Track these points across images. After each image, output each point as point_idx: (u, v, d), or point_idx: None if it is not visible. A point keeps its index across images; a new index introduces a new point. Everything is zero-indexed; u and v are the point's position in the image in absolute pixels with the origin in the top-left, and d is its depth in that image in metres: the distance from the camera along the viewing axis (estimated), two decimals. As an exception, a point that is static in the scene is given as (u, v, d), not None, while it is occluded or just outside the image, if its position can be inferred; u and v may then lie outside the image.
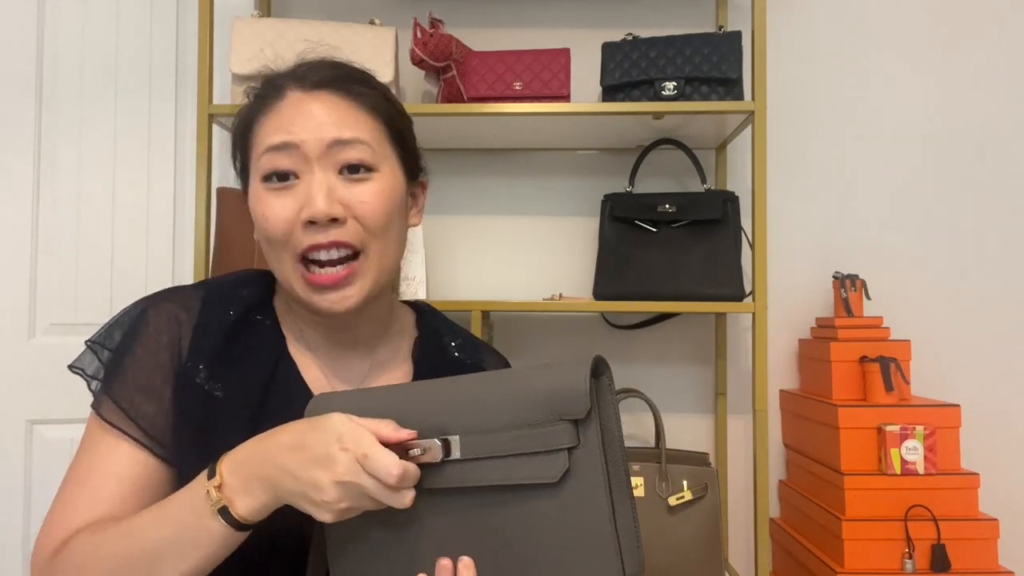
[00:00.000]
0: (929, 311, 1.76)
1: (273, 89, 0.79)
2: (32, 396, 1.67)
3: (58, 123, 1.71)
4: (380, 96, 0.81)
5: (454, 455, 0.62)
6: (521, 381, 0.62)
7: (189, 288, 0.83)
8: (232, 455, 0.67)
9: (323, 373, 0.83)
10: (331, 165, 0.75)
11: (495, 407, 0.62)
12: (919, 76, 1.79)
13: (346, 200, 0.75)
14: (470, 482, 0.62)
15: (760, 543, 1.43)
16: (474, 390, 0.64)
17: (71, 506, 0.72)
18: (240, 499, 0.64)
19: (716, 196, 1.57)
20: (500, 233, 1.81)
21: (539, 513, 0.60)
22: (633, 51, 1.50)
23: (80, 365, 0.79)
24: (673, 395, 1.78)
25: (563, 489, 0.60)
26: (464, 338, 0.94)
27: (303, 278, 0.76)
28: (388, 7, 1.78)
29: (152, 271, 1.73)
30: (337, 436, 0.61)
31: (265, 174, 0.76)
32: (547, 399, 0.60)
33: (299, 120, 0.75)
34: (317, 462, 0.61)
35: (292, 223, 0.74)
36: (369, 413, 0.65)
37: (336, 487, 0.61)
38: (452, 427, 0.62)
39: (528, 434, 0.60)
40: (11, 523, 1.65)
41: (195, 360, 0.77)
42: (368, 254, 0.77)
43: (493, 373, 0.66)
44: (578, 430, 0.59)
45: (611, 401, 0.63)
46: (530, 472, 0.60)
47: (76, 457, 0.76)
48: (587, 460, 0.59)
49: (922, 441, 1.44)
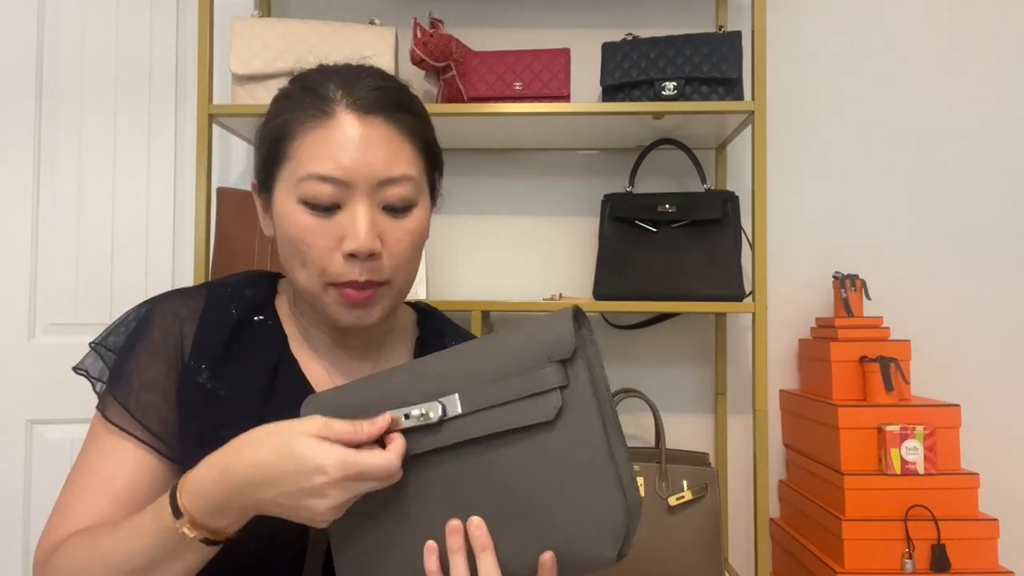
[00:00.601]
0: (929, 311, 1.76)
1: (322, 103, 0.75)
2: (32, 396, 1.67)
3: (58, 123, 1.71)
4: (424, 123, 0.81)
5: (453, 412, 0.64)
6: (510, 336, 0.66)
7: (192, 289, 0.84)
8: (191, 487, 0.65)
9: (327, 373, 0.84)
10: (376, 200, 0.75)
11: (488, 362, 0.65)
12: (919, 75, 1.79)
13: (384, 235, 0.75)
14: (473, 434, 0.64)
15: (760, 543, 1.43)
16: (466, 352, 0.67)
17: (70, 508, 0.73)
18: (216, 522, 0.65)
19: (716, 196, 1.57)
20: (500, 233, 1.81)
21: (539, 455, 0.63)
22: (633, 51, 1.50)
23: (84, 367, 0.79)
24: (673, 395, 1.78)
25: (559, 427, 0.63)
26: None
27: (336, 293, 0.76)
28: (388, 7, 1.78)
29: (152, 271, 1.73)
30: (318, 468, 0.60)
31: (308, 200, 0.74)
32: (535, 346, 0.64)
33: (352, 153, 0.73)
34: (307, 495, 0.61)
35: (331, 250, 0.74)
36: (366, 403, 0.66)
37: (332, 510, 0.62)
38: (449, 388, 0.65)
39: (521, 380, 0.63)
40: (11, 523, 1.65)
41: (197, 360, 0.77)
42: (394, 284, 0.78)
43: (481, 338, 0.70)
44: (567, 370, 0.63)
45: (593, 350, 0.67)
46: (528, 414, 0.63)
47: (79, 458, 0.76)
48: (579, 397, 0.63)
49: (922, 441, 1.44)
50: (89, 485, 0.73)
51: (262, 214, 0.83)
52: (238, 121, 1.52)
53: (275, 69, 1.46)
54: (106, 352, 0.79)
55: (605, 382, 0.67)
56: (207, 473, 0.65)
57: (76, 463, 0.76)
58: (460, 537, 0.63)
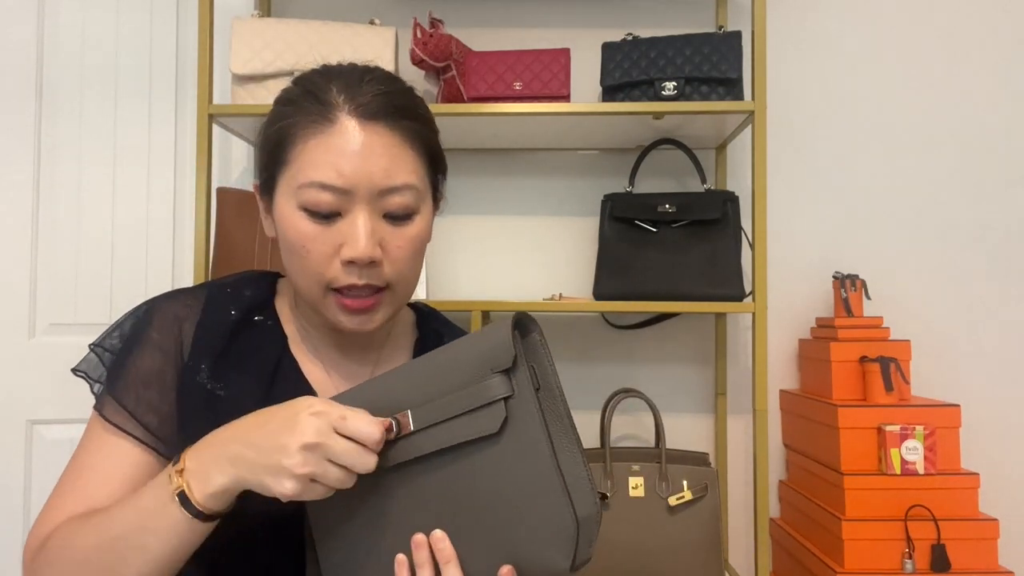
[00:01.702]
0: (929, 311, 1.76)
1: (324, 108, 0.74)
2: (32, 396, 1.67)
3: (58, 123, 1.71)
4: (428, 127, 0.80)
5: (408, 428, 0.65)
6: (457, 348, 0.67)
7: (192, 289, 0.84)
8: (200, 441, 0.67)
9: (327, 373, 0.84)
10: (377, 209, 0.74)
11: (438, 376, 0.66)
12: (919, 76, 1.79)
13: (385, 242, 0.75)
14: (426, 450, 0.65)
15: (760, 543, 1.43)
16: (421, 366, 0.68)
17: (61, 505, 0.72)
18: (197, 483, 0.64)
19: (716, 196, 1.57)
20: (500, 233, 1.81)
21: (489, 468, 0.63)
22: (633, 51, 1.50)
23: (84, 369, 0.79)
24: (673, 395, 1.78)
25: (504, 439, 0.63)
26: None
27: (335, 301, 0.76)
28: (388, 7, 1.78)
29: (152, 271, 1.73)
30: (307, 405, 0.63)
31: (308, 207, 0.74)
32: (478, 357, 0.64)
33: (353, 161, 0.72)
34: (284, 428, 0.62)
35: (331, 256, 0.74)
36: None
37: (301, 451, 0.61)
38: (404, 403, 0.66)
39: (467, 393, 0.64)
40: (11, 523, 1.65)
41: (197, 360, 0.77)
42: (395, 290, 0.78)
43: (436, 349, 0.69)
44: (511, 380, 0.63)
45: (545, 354, 0.67)
46: (474, 427, 0.63)
47: (73, 456, 0.76)
48: (523, 407, 0.63)
49: (922, 441, 1.44)
50: (82, 482, 0.73)
51: (264, 215, 0.83)
52: (238, 121, 1.52)
53: (275, 69, 1.46)
54: (105, 354, 0.79)
55: (558, 387, 0.67)
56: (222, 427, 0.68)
57: (71, 461, 0.76)
58: (425, 551, 0.64)
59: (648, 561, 1.42)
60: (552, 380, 0.66)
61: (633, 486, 1.45)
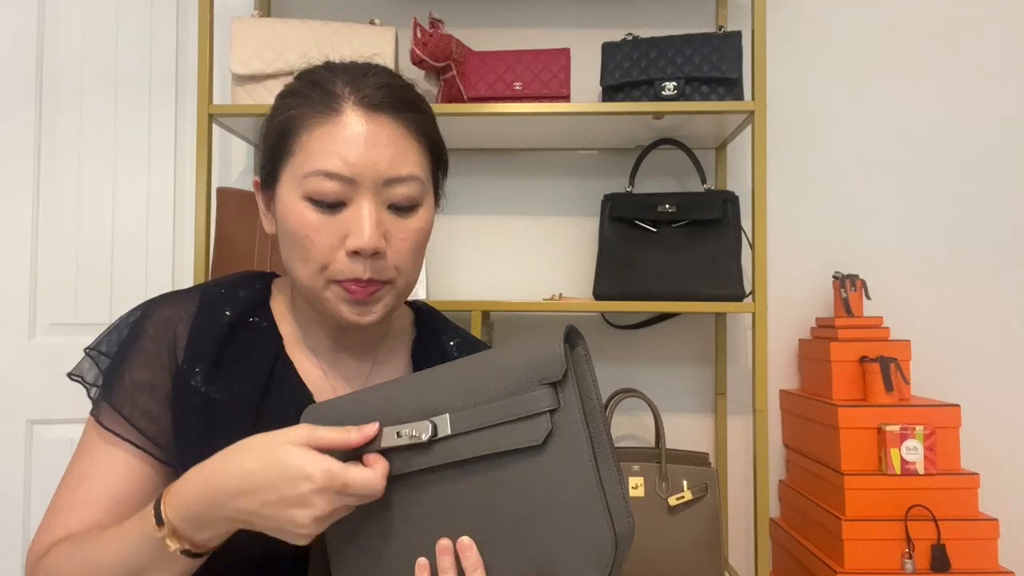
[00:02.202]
0: (929, 311, 1.76)
1: (330, 99, 0.74)
2: (32, 396, 1.67)
3: (58, 123, 1.71)
4: (431, 121, 0.80)
5: (444, 432, 0.64)
6: (502, 355, 0.65)
7: (185, 291, 0.83)
8: (175, 496, 0.65)
9: (324, 373, 0.83)
10: (382, 199, 0.74)
11: (480, 382, 0.64)
12: (919, 76, 1.79)
13: (389, 233, 0.75)
14: (463, 455, 0.63)
15: (760, 543, 1.43)
16: (460, 370, 0.66)
17: (62, 513, 0.73)
18: (198, 534, 0.65)
19: (716, 196, 1.57)
20: (500, 233, 1.81)
21: (528, 479, 0.62)
22: (633, 51, 1.50)
23: (79, 373, 0.79)
24: (673, 395, 1.78)
25: (547, 452, 0.61)
26: (463, 337, 0.94)
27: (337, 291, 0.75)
28: (388, 7, 1.78)
29: (152, 271, 1.73)
30: (304, 476, 0.60)
31: (313, 197, 0.73)
32: (526, 367, 0.63)
33: (359, 150, 0.72)
34: (291, 504, 0.61)
35: (335, 247, 0.74)
36: (361, 416, 0.66)
37: (315, 522, 0.62)
38: (441, 407, 0.65)
39: (511, 402, 0.62)
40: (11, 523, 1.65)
41: (191, 363, 0.76)
42: (396, 284, 0.78)
43: (477, 354, 0.68)
44: (557, 393, 0.62)
45: (587, 369, 0.65)
46: (516, 438, 0.62)
47: (71, 463, 0.76)
48: (568, 422, 0.61)
49: (922, 441, 1.44)
50: (81, 491, 0.73)
51: (264, 212, 0.82)
52: (238, 121, 1.52)
53: (275, 69, 1.46)
54: (100, 357, 0.78)
55: (599, 403, 0.65)
56: (189, 484, 0.65)
57: (68, 468, 0.76)
58: (450, 557, 0.63)
59: (648, 561, 1.42)
60: (594, 395, 0.65)
61: (633, 486, 1.45)
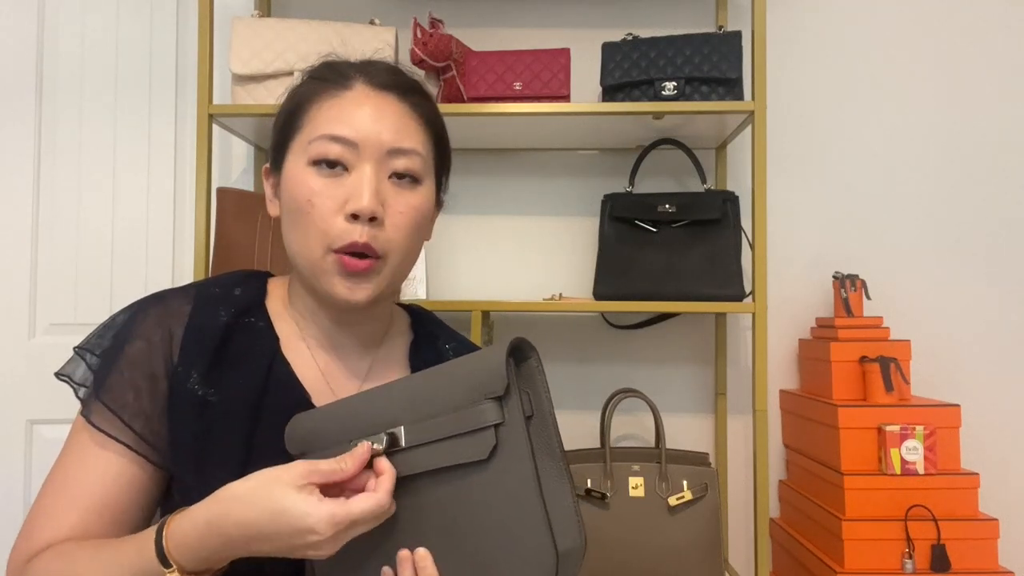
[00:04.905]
0: (929, 311, 1.76)
1: (339, 76, 0.79)
2: (32, 396, 1.67)
3: (58, 123, 1.71)
4: (435, 112, 0.84)
5: (400, 444, 0.65)
6: (453, 368, 0.67)
7: (179, 291, 0.82)
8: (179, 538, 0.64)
9: (321, 373, 0.82)
10: (384, 168, 0.77)
11: (433, 395, 0.66)
12: (919, 76, 1.79)
13: (388, 204, 0.76)
14: (417, 468, 0.65)
15: (760, 543, 1.43)
16: (419, 382, 0.68)
17: (47, 516, 0.71)
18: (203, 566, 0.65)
19: (716, 196, 1.57)
20: (500, 233, 1.81)
21: (476, 493, 0.63)
22: (633, 51, 1.50)
23: (67, 372, 0.77)
24: (673, 395, 1.78)
25: (493, 466, 0.62)
26: (459, 341, 0.94)
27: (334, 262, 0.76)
28: (388, 7, 1.78)
29: (152, 271, 1.73)
30: (308, 529, 0.60)
31: (316, 159, 0.76)
32: (473, 381, 0.64)
33: (364, 118, 0.76)
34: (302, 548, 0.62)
35: (335, 212, 0.75)
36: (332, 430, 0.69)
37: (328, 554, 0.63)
38: (400, 419, 0.66)
39: (459, 416, 0.63)
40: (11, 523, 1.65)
41: (187, 365, 0.75)
42: (388, 260, 0.78)
43: (437, 366, 0.69)
44: (502, 407, 0.62)
45: (541, 381, 0.66)
46: (463, 452, 0.63)
47: (57, 463, 0.74)
48: (512, 436, 0.62)
49: (922, 441, 1.44)
50: (68, 493, 0.71)
51: (270, 198, 0.83)
52: (238, 121, 1.52)
53: (275, 69, 1.46)
54: (90, 356, 0.76)
55: (551, 415, 0.66)
56: (193, 530, 0.64)
57: (54, 469, 0.74)
58: (409, 566, 0.64)
59: (648, 561, 1.42)
60: (546, 408, 0.66)
61: (633, 486, 1.45)
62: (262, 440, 0.75)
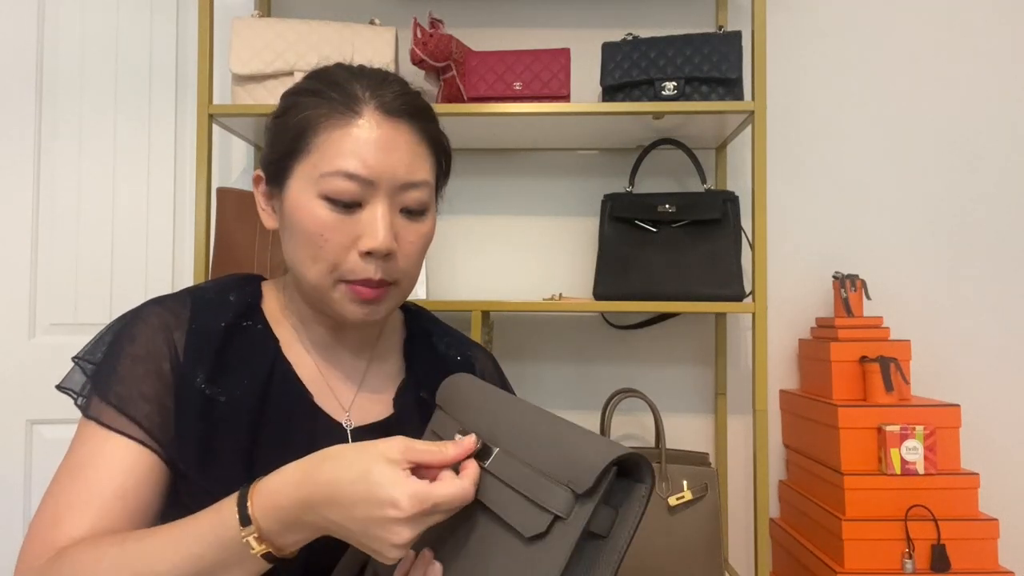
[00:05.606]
0: (929, 311, 1.76)
1: (350, 101, 0.76)
2: (32, 396, 1.67)
3: (58, 123, 1.71)
4: (440, 131, 0.83)
5: (485, 462, 0.64)
6: (566, 432, 0.62)
7: (175, 296, 0.82)
8: (264, 497, 0.63)
9: (320, 372, 0.84)
10: (396, 203, 0.77)
11: (534, 441, 0.62)
12: (919, 76, 1.79)
13: (399, 236, 0.77)
14: (480, 495, 0.63)
15: (760, 543, 1.43)
16: (538, 422, 0.64)
17: (61, 513, 0.70)
18: (283, 539, 0.63)
19: (716, 196, 1.57)
20: (500, 233, 1.81)
21: (501, 554, 0.60)
22: (633, 51, 1.50)
23: (68, 385, 0.77)
24: (673, 395, 1.78)
25: (527, 549, 0.58)
26: (452, 335, 0.96)
27: (346, 291, 0.77)
28: (388, 7, 1.78)
29: (152, 271, 1.73)
30: (391, 502, 0.59)
31: (330, 195, 0.74)
32: (571, 459, 0.59)
33: (378, 154, 0.74)
34: (375, 524, 0.60)
35: (347, 248, 0.75)
36: (475, 411, 0.70)
37: (399, 548, 0.60)
38: (501, 441, 0.64)
39: (539, 480, 0.59)
40: (11, 523, 1.65)
41: (193, 367, 0.76)
42: (400, 285, 0.80)
43: (554, 417, 0.66)
44: (574, 504, 0.57)
45: (638, 511, 0.59)
46: (514, 513, 0.60)
47: (65, 462, 0.73)
48: (563, 537, 0.56)
49: (922, 441, 1.44)
50: (84, 485, 0.71)
51: (262, 206, 0.82)
52: (238, 121, 1.52)
53: (275, 69, 1.46)
54: (89, 366, 0.76)
55: (621, 551, 0.58)
56: (283, 483, 0.63)
57: (63, 467, 0.73)
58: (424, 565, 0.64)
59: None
60: (622, 543, 0.58)
61: (633, 486, 1.45)
62: (267, 438, 0.76)
